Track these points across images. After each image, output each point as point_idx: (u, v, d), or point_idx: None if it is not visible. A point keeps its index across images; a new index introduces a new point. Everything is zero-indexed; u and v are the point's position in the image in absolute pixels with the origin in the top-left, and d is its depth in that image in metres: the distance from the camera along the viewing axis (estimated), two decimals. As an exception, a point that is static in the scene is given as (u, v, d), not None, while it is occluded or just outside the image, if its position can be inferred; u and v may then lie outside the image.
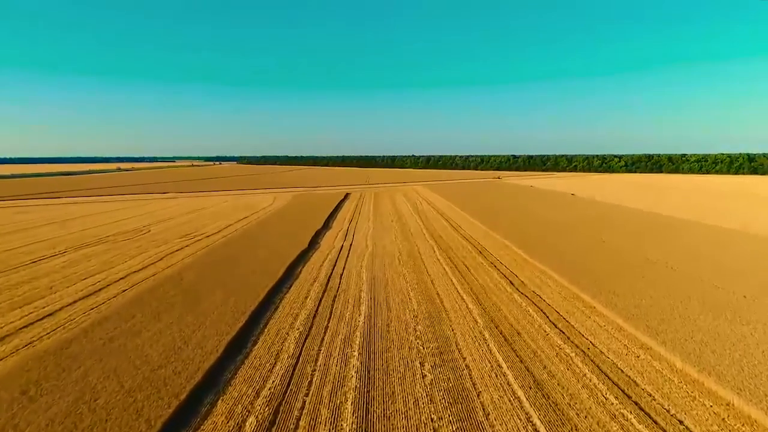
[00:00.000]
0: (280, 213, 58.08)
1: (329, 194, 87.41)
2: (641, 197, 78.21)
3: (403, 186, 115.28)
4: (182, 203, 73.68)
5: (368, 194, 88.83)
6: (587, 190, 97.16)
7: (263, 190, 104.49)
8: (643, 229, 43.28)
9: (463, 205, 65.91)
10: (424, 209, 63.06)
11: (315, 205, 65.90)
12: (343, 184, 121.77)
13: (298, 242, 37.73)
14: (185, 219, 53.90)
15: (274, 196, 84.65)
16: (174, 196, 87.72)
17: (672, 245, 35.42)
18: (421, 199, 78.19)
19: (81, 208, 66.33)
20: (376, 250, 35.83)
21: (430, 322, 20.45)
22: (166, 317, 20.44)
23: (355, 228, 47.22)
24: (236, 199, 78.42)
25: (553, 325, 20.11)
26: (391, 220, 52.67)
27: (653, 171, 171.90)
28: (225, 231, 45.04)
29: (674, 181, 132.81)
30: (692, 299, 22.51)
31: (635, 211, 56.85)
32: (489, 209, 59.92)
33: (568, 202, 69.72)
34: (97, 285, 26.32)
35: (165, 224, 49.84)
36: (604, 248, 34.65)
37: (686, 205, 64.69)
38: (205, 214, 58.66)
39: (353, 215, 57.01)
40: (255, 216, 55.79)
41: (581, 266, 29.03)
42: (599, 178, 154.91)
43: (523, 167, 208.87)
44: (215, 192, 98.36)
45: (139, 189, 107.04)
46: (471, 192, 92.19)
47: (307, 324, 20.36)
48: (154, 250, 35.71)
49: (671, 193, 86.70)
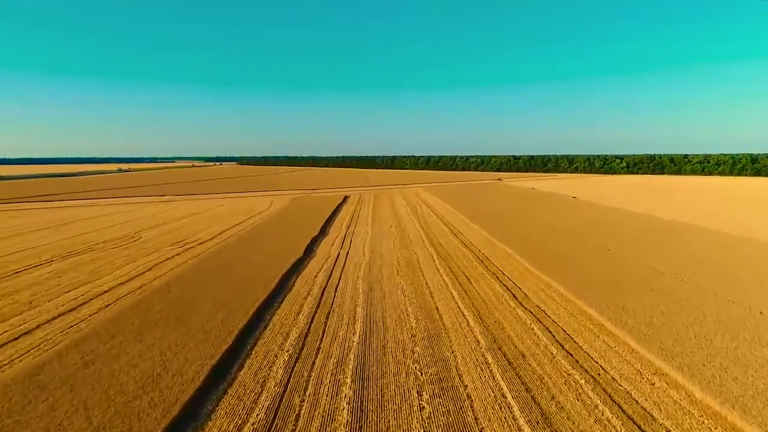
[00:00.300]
0: (277, 218, 56.84)
1: (328, 197, 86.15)
2: (644, 200, 76.93)
3: (403, 188, 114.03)
4: (178, 207, 72.46)
5: (367, 197, 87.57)
6: (589, 192, 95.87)
7: (261, 192, 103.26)
8: (648, 235, 42.00)
9: (463, 208, 64.66)
10: (424, 213, 61.80)
11: (312, 209, 64.67)
12: (342, 186, 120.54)
13: (294, 250, 36.48)
14: (179, 224, 52.67)
15: (272, 199, 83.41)
16: (171, 199, 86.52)
17: (679, 253, 34.14)
18: (421, 202, 76.94)
19: (75, 212, 65.13)
20: (374, 259, 34.58)
21: (428, 343, 19.21)
22: (148, 337, 19.20)
23: (353, 234, 45.98)
24: (233, 203, 77.20)
25: (560, 346, 18.86)
26: (389, 225, 51.41)
27: (655, 172, 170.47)
28: (219, 237, 43.81)
29: (677, 183, 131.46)
30: (707, 316, 21.25)
31: (639, 216, 55.55)
32: (490, 213, 58.65)
33: (570, 206, 68.44)
34: (80, 299, 25.09)
35: (158, 230, 48.61)
36: (609, 257, 33.39)
37: (690, 209, 63.42)
38: (200, 218, 57.43)
39: (351, 220, 55.77)
40: (251, 221, 54.55)
41: (587, 277, 27.78)
42: (600, 179, 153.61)
43: (524, 168, 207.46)
44: (213, 195, 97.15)
45: (136, 192, 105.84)
46: (471, 194, 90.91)
47: (298, 344, 19.11)
48: (144, 260, 34.47)
49: (674, 196, 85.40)
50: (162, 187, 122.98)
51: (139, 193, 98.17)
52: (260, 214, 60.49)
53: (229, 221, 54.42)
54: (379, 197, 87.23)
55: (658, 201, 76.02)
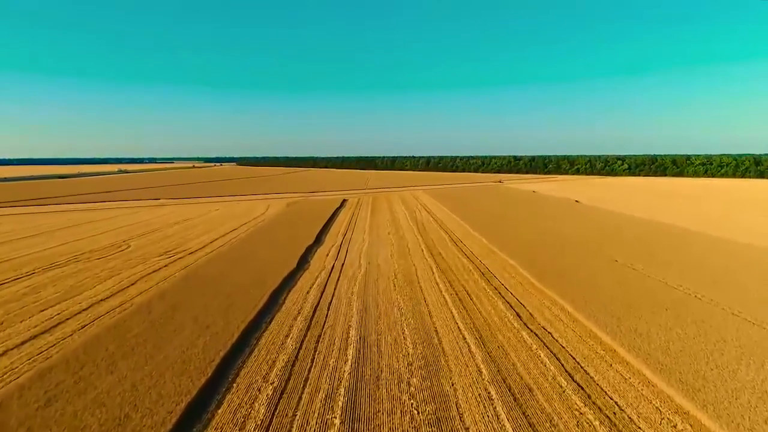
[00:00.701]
0: (272, 224, 55.29)
1: (325, 200, 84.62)
2: (648, 204, 75.38)
3: (402, 191, 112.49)
4: (172, 211, 70.90)
5: (366, 200, 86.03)
6: (591, 195, 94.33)
7: (258, 195, 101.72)
8: (656, 244, 40.44)
9: (463, 213, 63.12)
10: (423, 219, 60.25)
11: (309, 215, 63.09)
12: (341, 189, 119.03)
13: (287, 261, 34.93)
14: (171, 231, 51.11)
15: (268, 203, 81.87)
16: (165, 203, 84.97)
17: (691, 265, 32.58)
18: (420, 206, 75.38)
19: (65, 218, 63.57)
20: (370, 271, 33.03)
21: (426, 373, 17.64)
22: (122, 366, 17.64)
23: (350, 242, 44.43)
24: (229, 207, 75.65)
25: (570, 377, 17.30)
26: (387, 232, 49.87)
27: (657, 174, 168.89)
28: (210, 246, 42.26)
29: (680, 185, 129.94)
30: (727, 341, 19.69)
31: (645, 222, 53.98)
32: (490, 219, 57.12)
33: (574, 211, 66.89)
34: (55, 319, 23.53)
35: (148, 238, 47.05)
36: (617, 270, 31.82)
37: (697, 215, 61.85)
38: (193, 224, 55.87)
39: (348, 227, 54.22)
40: (245, 227, 53.01)
41: (595, 294, 26.22)
42: (602, 182, 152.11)
43: (525, 169, 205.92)
44: (209, 198, 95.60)
45: (131, 195, 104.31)
46: (471, 198, 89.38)
47: (284, 375, 17.55)
48: (129, 272, 32.90)
49: (679, 200, 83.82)
50: (158, 190, 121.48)
51: (134, 197, 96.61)
52: (255, 220, 58.93)
53: (222, 228, 52.87)
54: (377, 201, 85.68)
55: (662, 205, 74.48)
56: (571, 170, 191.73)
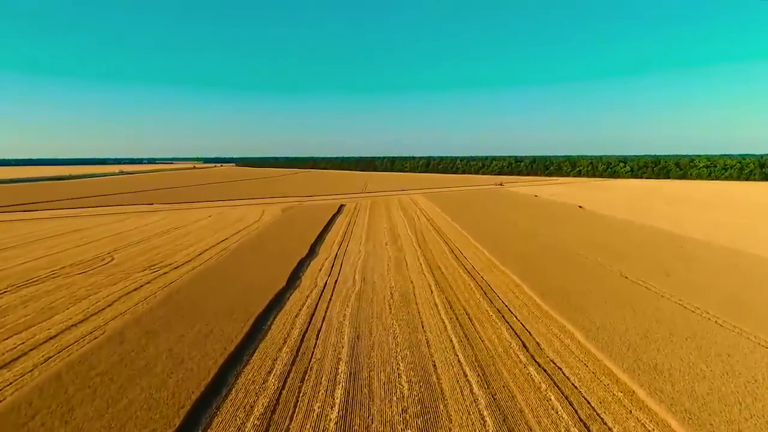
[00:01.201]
0: (265, 233, 53.26)
1: (322, 206, 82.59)
2: (656, 211, 73.25)
3: (401, 195, 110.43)
4: (163, 218, 68.86)
5: (363, 206, 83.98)
6: (594, 200, 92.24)
7: (254, 200, 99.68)
8: (670, 258, 38.39)
9: (463, 221, 61.11)
10: (422, 227, 58.21)
11: (304, 223, 61.08)
12: (339, 192, 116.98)
13: (276, 278, 32.91)
14: (159, 241, 49.07)
15: (263, 209, 79.81)
16: (158, 209, 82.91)
17: (710, 284, 30.51)
18: (419, 212, 73.33)
19: (52, 226, 61.53)
20: (365, 290, 30.99)
21: (423, 424, 15.59)
22: (78, 415, 15.60)
23: (345, 254, 42.41)
24: (222, 214, 73.59)
25: (586, 428, 15.25)
26: (384, 243, 47.85)
27: (660, 177, 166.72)
28: (198, 260, 40.23)
29: (685, 189, 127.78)
30: (759, 383, 17.61)
31: (655, 233, 51.90)
32: (492, 227, 55.10)
33: (578, 218, 64.84)
34: (18, 349, 21.50)
35: (134, 249, 45.01)
36: (629, 289, 29.76)
37: (711, 224, 59.74)
38: (183, 233, 53.83)
39: (344, 236, 52.17)
40: (236, 237, 50.96)
41: (607, 319, 24.16)
42: (605, 185, 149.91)
43: (526, 172, 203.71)
44: (203, 203, 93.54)
45: (125, 199, 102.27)
46: (472, 203, 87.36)
47: (263, 425, 15.50)
48: (107, 291, 30.86)
49: (688, 207, 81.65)
50: (153, 194, 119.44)
51: (128, 201, 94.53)
52: (248, 228, 56.88)
53: (212, 238, 50.81)
54: (375, 206, 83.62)
55: (670, 212, 72.39)
56: (572, 172, 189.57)
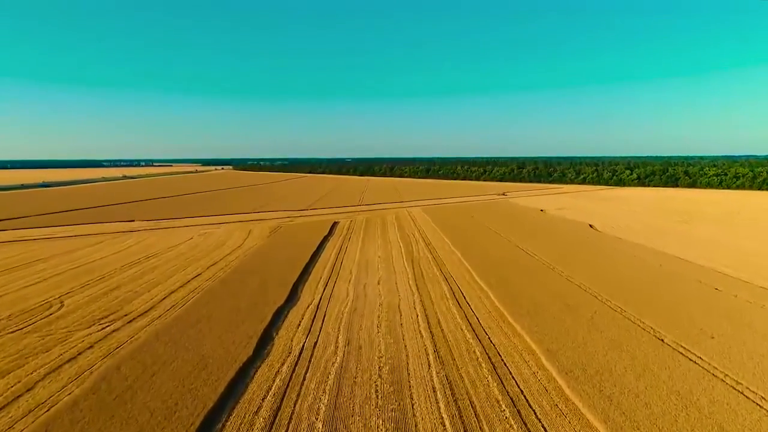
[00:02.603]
0: (244, 267, 47.83)
1: (314, 225, 77.16)
2: (672, 232, 67.55)
3: (399, 208, 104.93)
4: (139, 242, 63.29)
5: (358, 224, 78.42)
6: (605, 217, 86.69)
7: (243, 215, 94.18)
8: (704, 306, 32.83)
9: (465, 246, 55.80)
10: (421, 257, 52.71)
11: (291, 250, 55.66)
12: (334, 206, 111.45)
13: (243, 342, 27.49)
14: (123, 278, 43.52)
15: (251, 228, 74.25)
16: (137, 227, 77.30)
17: (756, 347, 24.93)
18: (417, 235, 67.79)
19: (4, 256, 55.95)
20: (348, 362, 25.48)
21: None
22: None
23: (330, 300, 36.98)
24: (204, 235, 67.95)
25: None
26: (376, 281, 42.42)
27: (668, 185, 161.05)
28: (158, 308, 34.73)
29: (698, 201, 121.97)
30: None
31: (676, 263, 46.30)
32: (497, 257, 49.74)
33: (591, 244, 59.35)
34: None
35: (92, 290, 39.46)
36: (669, 361, 24.21)
37: (732, 249, 53.97)
38: (153, 266, 48.24)
39: (333, 270, 46.67)
40: (210, 272, 45.43)
41: (648, 412, 18.61)
42: (612, 195, 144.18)
43: (529, 179, 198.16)
44: (189, 219, 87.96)
45: (105, 214, 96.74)
46: (474, 222, 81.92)
47: None
48: (34, 363, 25.28)
49: (706, 224, 75.86)
50: (137, 206, 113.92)
51: (106, 218, 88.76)
52: (226, 259, 51.31)
53: (184, 273, 45.23)
54: (370, 225, 78.06)
55: (686, 232, 66.75)
56: (577, 180, 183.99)
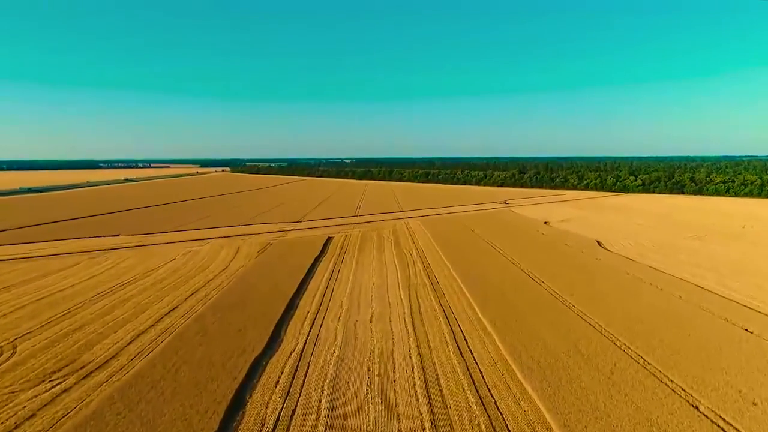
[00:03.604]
0: (224, 299, 43.91)
1: (307, 242, 73.22)
2: (686, 250, 63.38)
3: (397, 220, 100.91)
4: (117, 263, 59.24)
5: (353, 242, 74.34)
6: (611, 230, 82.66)
7: (235, 227, 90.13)
8: (737, 360, 28.84)
9: (466, 269, 51.89)
10: (419, 282, 48.77)
11: (279, 274, 51.81)
12: (329, 216, 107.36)
13: (212, 405, 23.57)
14: (89, 313, 39.47)
15: (240, 244, 70.20)
16: (121, 243, 73.22)
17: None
18: (416, 254, 63.81)
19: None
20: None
21: None
22: None
23: (315, 344, 33.03)
24: (188, 255, 63.86)
25: None
26: (370, 317, 38.51)
27: (673, 192, 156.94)
28: (122, 355, 30.76)
29: (707, 211, 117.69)
30: None
31: (696, 295, 42.24)
32: (500, 286, 45.81)
33: (601, 267, 55.38)
34: None
35: (51, 330, 35.44)
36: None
37: (756, 275, 49.89)
38: (124, 298, 44.10)
39: (321, 301, 42.70)
40: (187, 305, 41.40)
41: None
42: (617, 204, 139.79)
43: (530, 184, 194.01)
44: (176, 233, 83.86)
45: (89, 227, 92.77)
46: (475, 238, 77.97)
47: None
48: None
49: (722, 242, 71.58)
50: (127, 216, 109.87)
51: (90, 232, 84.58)
52: (207, 287, 47.25)
53: (158, 307, 41.14)
54: (366, 242, 74.02)
55: (700, 251, 62.56)
56: (579, 185, 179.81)
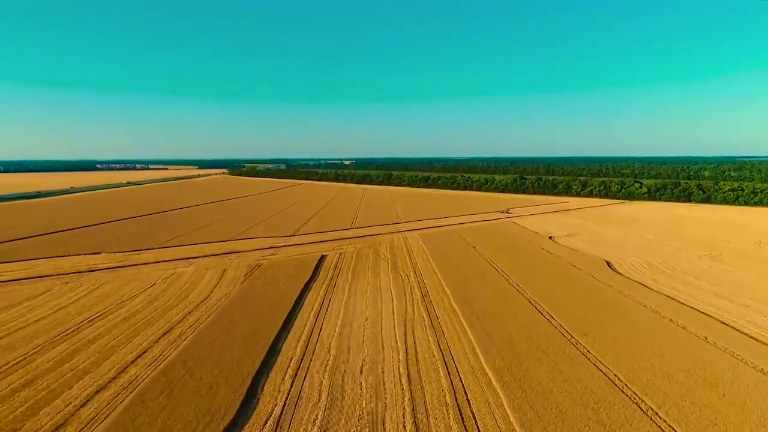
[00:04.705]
0: (197, 348, 39.51)
1: (298, 263, 68.79)
2: (703, 275, 58.94)
3: (395, 233, 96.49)
4: (91, 290, 54.65)
5: (347, 263, 69.85)
6: (620, 247, 78.29)
7: (224, 243, 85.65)
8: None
9: (468, 299, 47.57)
10: (416, 318, 44.38)
11: (264, 306, 47.43)
12: (325, 229, 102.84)
13: None
14: (44, 361, 35.02)
15: (226, 266, 65.74)
16: (100, 264, 68.74)
17: None
18: (414, 278, 59.43)
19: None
20: None
21: None
22: None
23: (295, 407, 28.57)
24: (169, 279, 59.29)
25: None
26: (359, 366, 34.09)
27: (680, 200, 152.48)
28: (70, 425, 26.29)
29: (717, 223, 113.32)
30: None
31: (733, 342, 37.83)
32: (508, 318, 41.41)
33: (614, 298, 51.00)
34: None
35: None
36: None
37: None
38: (92, 337, 39.68)
39: (307, 346, 38.24)
40: (157, 349, 36.99)
41: None
42: (623, 214, 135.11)
43: (532, 190, 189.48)
44: (160, 251, 79.35)
45: (70, 243, 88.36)
46: (477, 252, 73.60)
47: None
48: None
49: (741, 262, 67.15)
50: (114, 228, 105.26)
51: (71, 248, 79.95)
52: (182, 324, 42.75)
53: (123, 352, 36.64)
54: (361, 262, 69.59)
55: (722, 275, 58.14)
56: (583, 192, 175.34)
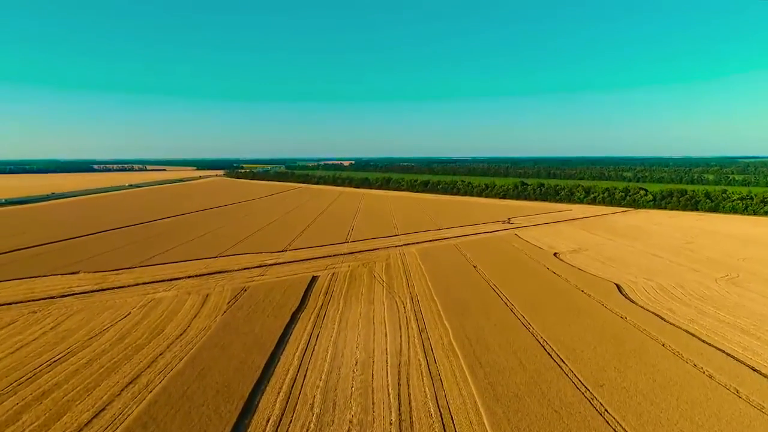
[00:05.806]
0: (163, 406, 35.25)
1: (287, 287, 64.53)
2: (728, 305, 54.64)
3: (391, 248, 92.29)
4: (56, 325, 50.29)
5: (339, 287, 65.55)
6: (630, 267, 74.11)
7: (210, 261, 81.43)
8: None
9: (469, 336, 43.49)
10: (411, 361, 40.24)
11: (244, 344, 43.24)
12: (318, 243, 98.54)
13: None
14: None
15: (209, 291, 61.50)
16: (75, 287, 64.50)
17: None
18: (410, 308, 55.24)
19: None
20: None
21: None
22: None
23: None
24: (145, 310, 54.72)
25: None
26: (346, 429, 29.82)
27: (687, 208, 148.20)
28: None
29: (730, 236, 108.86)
30: None
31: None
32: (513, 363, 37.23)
33: (631, 337, 46.82)
34: None
35: None
36: None
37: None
38: (40, 393, 35.14)
39: (287, 403, 33.92)
40: (116, 407, 32.66)
41: None
42: (629, 226, 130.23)
43: (533, 196, 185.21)
44: (141, 270, 75.10)
45: (50, 261, 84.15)
46: (479, 273, 69.43)
47: None
48: None
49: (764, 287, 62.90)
50: (97, 242, 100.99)
51: (47, 267, 75.58)
52: (150, 370, 38.33)
53: (80, 409, 32.28)
54: (353, 286, 65.35)
55: (745, 303, 53.91)
56: (586, 199, 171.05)
